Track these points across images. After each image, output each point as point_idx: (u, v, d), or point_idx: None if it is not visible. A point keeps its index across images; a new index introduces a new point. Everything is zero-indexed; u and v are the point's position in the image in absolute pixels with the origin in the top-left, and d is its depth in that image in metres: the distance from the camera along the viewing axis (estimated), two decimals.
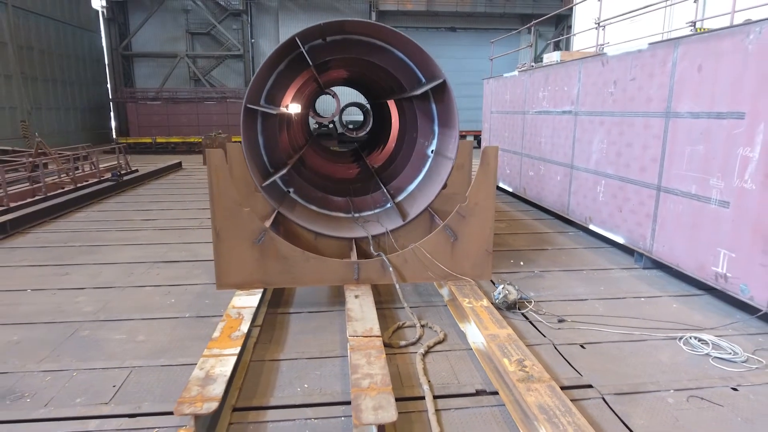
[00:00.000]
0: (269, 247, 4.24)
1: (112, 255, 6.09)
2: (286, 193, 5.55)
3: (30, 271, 5.49)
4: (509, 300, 4.32)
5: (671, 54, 4.99)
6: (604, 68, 6.22)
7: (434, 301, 4.58)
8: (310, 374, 3.35)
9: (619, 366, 3.46)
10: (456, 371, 3.37)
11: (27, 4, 22.92)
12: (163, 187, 11.41)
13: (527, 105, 8.70)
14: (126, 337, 3.90)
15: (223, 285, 4.26)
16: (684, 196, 4.84)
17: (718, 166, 4.39)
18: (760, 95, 3.93)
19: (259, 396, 3.08)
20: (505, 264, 5.71)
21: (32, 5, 23.28)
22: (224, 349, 3.19)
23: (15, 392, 3.16)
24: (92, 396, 3.10)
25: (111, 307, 4.49)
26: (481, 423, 2.83)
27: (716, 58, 4.41)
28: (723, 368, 3.43)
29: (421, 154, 6.00)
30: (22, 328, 4.09)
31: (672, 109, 4.99)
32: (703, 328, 4.04)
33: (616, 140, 5.97)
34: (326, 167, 8.60)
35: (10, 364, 3.50)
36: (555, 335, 3.91)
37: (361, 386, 2.79)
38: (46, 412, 2.93)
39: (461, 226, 4.41)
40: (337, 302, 4.52)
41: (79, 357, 3.59)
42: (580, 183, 6.88)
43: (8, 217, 7.13)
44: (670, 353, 3.64)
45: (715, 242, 4.45)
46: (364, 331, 3.50)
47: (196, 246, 6.45)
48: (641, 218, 5.52)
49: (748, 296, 4.12)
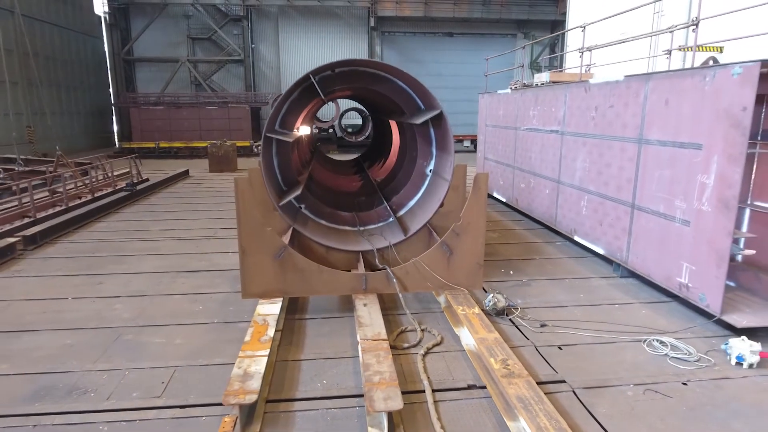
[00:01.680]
0: (288, 261, 4.84)
1: (138, 265, 6.67)
2: (298, 209, 6.14)
3: (67, 281, 6.06)
4: (498, 307, 4.93)
5: (643, 87, 5.61)
6: (586, 94, 6.84)
7: (432, 308, 5.19)
8: (327, 372, 3.95)
9: (590, 364, 4.07)
10: (451, 369, 3.97)
11: (32, 12, 23.44)
12: (175, 196, 11.97)
13: (519, 121, 9.32)
14: (165, 341, 4.48)
15: (248, 294, 4.86)
16: (654, 214, 5.46)
17: (681, 189, 5.01)
18: (714, 131, 4.55)
19: (287, 390, 3.68)
20: (497, 273, 6.32)
21: (37, 12, 23.80)
22: (256, 351, 3.79)
23: (79, 388, 3.75)
24: (145, 391, 3.69)
25: (147, 313, 5.08)
26: (472, 412, 3.43)
27: (680, 95, 5.03)
28: (677, 366, 4.04)
29: (420, 172, 6.61)
30: (72, 333, 4.67)
31: (644, 136, 5.61)
32: (666, 331, 4.66)
33: (597, 160, 6.59)
34: (331, 180, 9.20)
35: (69, 365, 4.08)
36: (537, 338, 4.52)
37: (373, 381, 3.38)
38: (109, 404, 3.52)
39: (456, 242, 5.02)
40: (347, 309, 5.12)
41: (127, 358, 4.18)
42: (566, 197, 7.50)
43: (38, 228, 7.69)
44: (633, 353, 4.25)
45: (679, 256, 5.07)
46: (373, 335, 4.10)
47: (213, 256, 7.04)
48: (618, 232, 6.14)
49: (705, 304, 4.74)
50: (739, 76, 4.29)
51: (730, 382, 3.83)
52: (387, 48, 32.76)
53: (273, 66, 32.30)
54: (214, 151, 15.88)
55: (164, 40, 31.02)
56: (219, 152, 15.84)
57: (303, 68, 32.21)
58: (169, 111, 26.40)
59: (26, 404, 3.54)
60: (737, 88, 4.30)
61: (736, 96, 4.30)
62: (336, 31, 31.97)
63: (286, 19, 31.51)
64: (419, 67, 32.98)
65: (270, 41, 31.93)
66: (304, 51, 31.99)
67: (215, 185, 13.59)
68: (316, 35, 31.85)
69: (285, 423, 3.32)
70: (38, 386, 3.77)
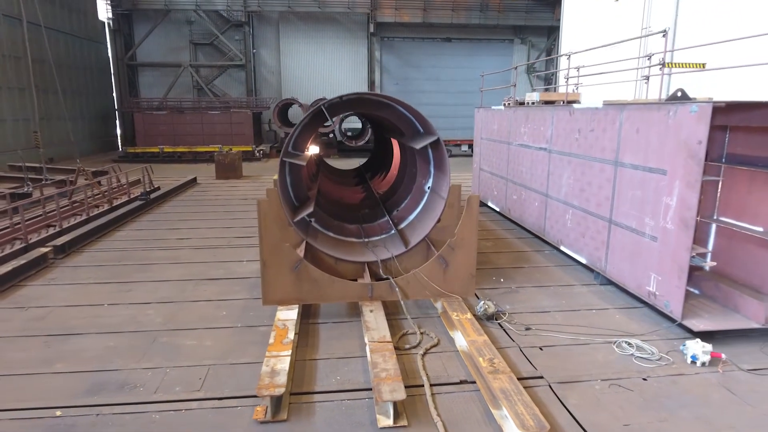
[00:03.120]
0: (303, 272, 5.49)
1: (162, 273, 7.30)
2: (309, 222, 6.78)
3: (100, 288, 6.70)
4: (488, 313, 5.59)
5: (618, 115, 6.27)
6: (571, 117, 7.50)
7: (430, 314, 5.84)
8: (340, 369, 4.60)
9: (566, 363, 4.73)
10: (446, 367, 4.63)
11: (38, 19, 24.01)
12: (186, 204, 12.59)
13: (511, 137, 9.98)
14: (197, 343, 5.12)
15: (268, 301, 5.50)
16: (627, 229, 6.13)
17: (650, 208, 5.67)
18: (675, 159, 5.22)
19: (306, 384, 4.33)
20: (489, 281, 6.97)
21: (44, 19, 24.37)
22: (280, 352, 4.43)
23: (129, 384, 4.39)
24: (186, 386, 4.33)
25: (177, 318, 5.72)
26: (463, 402, 4.09)
27: (648, 125, 5.69)
28: (641, 364, 4.70)
29: (419, 189, 7.27)
30: (113, 336, 5.30)
31: (619, 160, 6.28)
32: (635, 334, 5.32)
33: (580, 178, 7.25)
34: (337, 192, 9.85)
35: (116, 364, 4.72)
36: (521, 340, 5.17)
37: (380, 377, 4.04)
38: (157, 397, 4.16)
39: (451, 255, 5.68)
40: (355, 314, 5.77)
41: (166, 358, 4.82)
42: (553, 210, 8.16)
43: (66, 238, 8.31)
44: (604, 353, 4.91)
45: (648, 267, 5.73)
46: (379, 338, 4.76)
47: (230, 264, 7.68)
48: (598, 244, 6.81)
49: (669, 310, 5.40)
50: (695, 114, 4.95)
51: (683, 378, 4.50)
52: (386, 53, 33.42)
53: (274, 71, 32.94)
54: (221, 159, 16.51)
55: (167, 45, 31.63)
56: (225, 160, 16.47)
57: (304, 73, 32.90)
58: (172, 116, 26.93)
59: (86, 397, 4.18)
60: (694, 123, 4.96)
61: (693, 131, 4.97)
62: (336, 37, 32.62)
63: (287, 25, 32.15)
64: (418, 71, 33.68)
65: (271, 46, 32.56)
66: (304, 56, 32.64)
67: (223, 193, 14.22)
68: (316, 40, 32.50)
69: (307, 412, 3.97)
70: (92, 382, 4.41)
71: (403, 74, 33.90)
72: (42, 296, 6.42)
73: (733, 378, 4.50)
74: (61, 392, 4.24)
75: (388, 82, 33.78)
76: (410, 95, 33.40)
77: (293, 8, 30.82)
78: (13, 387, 4.31)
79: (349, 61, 33.01)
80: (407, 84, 33.88)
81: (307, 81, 32.83)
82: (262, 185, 15.60)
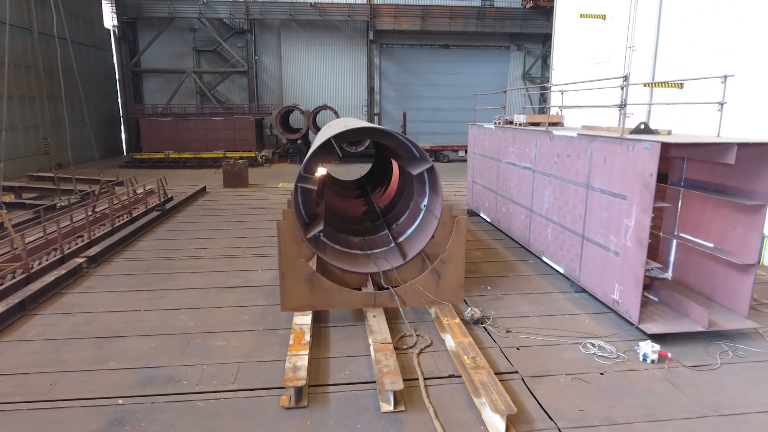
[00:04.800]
0: (316, 283, 6.39)
1: (187, 281, 8.19)
2: (318, 236, 7.67)
3: (135, 296, 7.58)
4: (475, 318, 6.49)
5: (590, 145, 7.18)
6: (551, 142, 8.41)
7: (425, 318, 6.74)
8: (349, 366, 5.49)
9: (537, 360, 5.63)
10: (437, 364, 5.53)
11: (48, 29, 24.82)
12: (198, 213, 13.47)
13: (501, 155, 10.89)
14: (226, 344, 6.02)
15: (285, 308, 6.40)
16: (596, 245, 7.04)
17: (614, 228, 6.58)
18: (633, 187, 6.13)
19: (322, 378, 5.23)
20: (477, 289, 7.88)
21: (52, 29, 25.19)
22: (299, 351, 5.33)
23: (174, 378, 5.28)
24: (222, 380, 5.22)
25: (206, 323, 6.61)
26: (451, 393, 4.99)
27: (613, 156, 6.60)
28: (600, 362, 5.61)
29: (416, 206, 8.17)
30: (153, 338, 6.19)
31: (590, 184, 7.19)
32: (599, 336, 6.23)
33: (558, 197, 8.16)
34: (340, 205, 10.75)
35: (160, 362, 5.60)
36: (502, 341, 6.08)
37: (382, 371, 4.93)
38: (199, 389, 5.06)
39: (443, 268, 6.58)
40: (360, 319, 6.66)
41: (201, 357, 5.71)
42: (537, 224, 9.07)
43: (96, 249, 9.19)
44: (571, 353, 5.82)
45: (613, 278, 6.64)
46: (381, 339, 5.66)
47: (247, 273, 8.57)
48: (573, 256, 7.72)
49: (629, 315, 6.32)
50: (648, 150, 5.86)
51: (634, 373, 5.41)
52: (385, 59, 34.32)
53: (275, 77, 33.82)
54: (228, 169, 17.39)
55: (171, 52, 32.51)
56: (233, 170, 17.36)
57: (304, 79, 33.76)
58: (177, 122, 27.67)
59: (140, 389, 5.07)
60: (647, 158, 5.88)
61: (646, 164, 5.88)
62: (336, 44, 33.51)
63: (288, 32, 33.03)
64: (416, 77, 34.61)
65: (273, 53, 33.44)
66: (305, 62, 33.53)
67: (232, 202, 15.10)
68: (316, 47, 33.38)
69: (323, 400, 4.87)
70: (143, 377, 5.30)
71: (402, 80, 34.82)
72: (84, 303, 7.29)
73: (676, 373, 5.41)
74: (118, 385, 5.13)
75: (387, 87, 34.71)
76: (409, 101, 34.34)
77: (294, 16, 31.69)
78: (80, 381, 5.20)
79: (349, 67, 33.92)
80: (406, 90, 34.80)
81: (307, 87, 33.75)
82: (268, 194, 16.49)
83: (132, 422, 4.54)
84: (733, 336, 6.19)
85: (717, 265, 6.74)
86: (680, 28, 12.28)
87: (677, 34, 12.39)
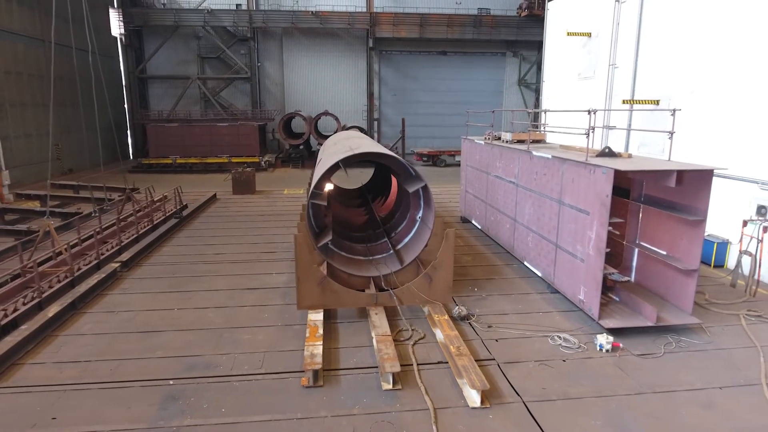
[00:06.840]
0: (327, 286, 7.53)
1: (211, 283, 9.31)
2: (326, 244, 8.81)
3: (168, 296, 8.70)
4: (462, 315, 7.64)
5: (561, 166, 8.33)
6: (531, 161, 9.56)
7: (419, 315, 7.88)
8: (355, 355, 6.63)
9: (513, 350, 6.78)
10: (429, 353, 6.68)
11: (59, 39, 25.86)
12: (212, 221, 14.59)
13: (489, 168, 12.03)
14: (251, 337, 7.15)
15: (301, 307, 7.55)
16: (567, 252, 8.19)
17: (580, 239, 7.73)
18: (594, 205, 7.27)
19: (333, 364, 6.37)
20: (465, 290, 9.02)
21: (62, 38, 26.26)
22: (315, 342, 6.47)
23: (212, 364, 6.41)
24: (252, 365, 6.36)
25: (232, 320, 7.74)
26: (439, 375, 6.13)
27: (579, 177, 7.75)
28: (564, 351, 6.76)
29: (412, 218, 9.31)
30: (189, 332, 7.32)
31: (562, 200, 8.33)
32: (566, 330, 7.38)
33: (537, 210, 9.31)
34: (344, 213, 11.88)
35: (198, 351, 6.73)
36: (484, 335, 7.22)
37: (383, 358, 6.08)
38: (234, 372, 6.19)
39: (434, 273, 7.74)
40: (363, 316, 7.80)
41: (232, 348, 6.84)
42: (520, 232, 10.22)
43: (128, 254, 10.30)
44: (541, 344, 6.97)
45: (579, 282, 7.79)
46: (382, 333, 6.80)
47: (263, 276, 9.70)
48: (549, 262, 8.87)
49: (592, 313, 7.47)
50: (605, 174, 7.01)
51: (591, 360, 6.56)
52: (384, 66, 35.44)
53: (277, 83, 34.91)
54: (237, 177, 18.52)
55: (175, 59, 33.59)
56: (241, 177, 18.49)
57: (306, 85, 34.84)
58: (182, 128, 28.50)
59: (185, 372, 6.20)
60: (604, 182, 7.03)
61: (604, 187, 7.03)
62: (337, 51, 34.62)
63: (290, 40, 34.13)
64: (415, 83, 35.76)
65: (275, 60, 34.52)
66: (306, 69, 34.64)
67: (242, 209, 16.23)
68: (318, 54, 34.48)
69: (335, 381, 6.01)
70: (186, 364, 6.43)
71: (401, 86, 35.93)
72: (124, 303, 8.42)
73: (625, 360, 6.56)
74: (167, 369, 6.26)
75: (386, 93, 35.85)
76: (407, 106, 35.47)
77: (296, 24, 32.73)
78: (135, 366, 6.33)
79: (349, 73, 35.03)
80: (404, 95, 35.94)
81: (309, 93, 34.87)
82: (275, 201, 17.62)
83: (184, 398, 5.67)
84: (679, 330, 7.34)
85: (669, 270, 7.89)
86: (657, 48, 13.41)
87: (654, 53, 13.52)
